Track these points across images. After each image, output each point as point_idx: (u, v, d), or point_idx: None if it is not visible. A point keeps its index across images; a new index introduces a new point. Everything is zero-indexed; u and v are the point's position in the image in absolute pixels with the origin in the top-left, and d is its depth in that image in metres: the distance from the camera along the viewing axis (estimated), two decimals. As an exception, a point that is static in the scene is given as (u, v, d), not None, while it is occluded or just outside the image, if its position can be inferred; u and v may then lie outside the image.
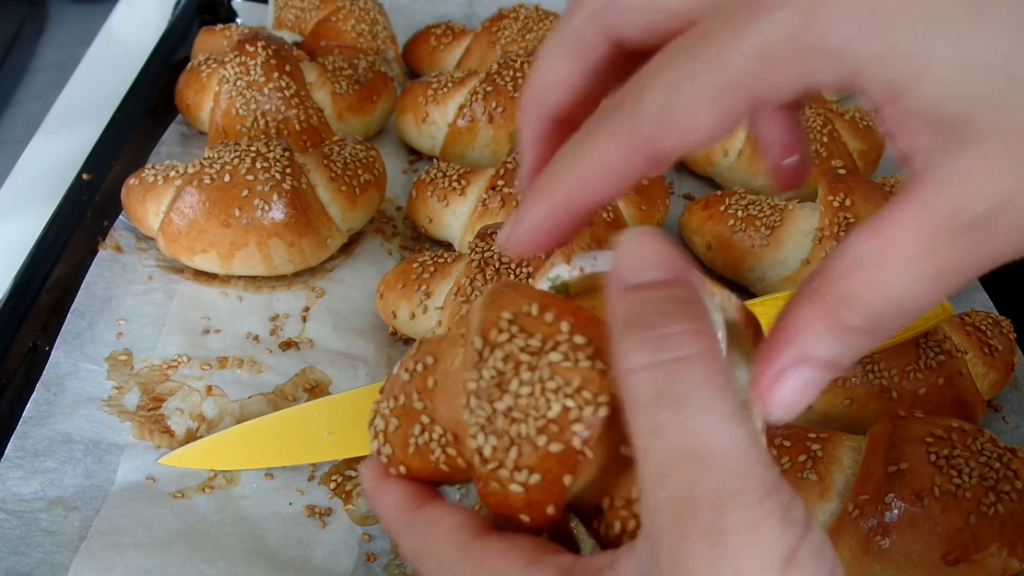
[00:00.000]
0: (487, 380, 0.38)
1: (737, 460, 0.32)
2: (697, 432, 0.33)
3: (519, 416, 0.37)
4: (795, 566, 0.32)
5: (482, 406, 0.38)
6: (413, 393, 0.43)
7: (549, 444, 0.37)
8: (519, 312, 0.39)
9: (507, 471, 0.38)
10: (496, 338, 0.39)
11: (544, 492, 0.38)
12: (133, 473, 0.70)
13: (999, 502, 0.63)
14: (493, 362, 0.38)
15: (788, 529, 0.32)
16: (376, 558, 0.67)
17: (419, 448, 0.43)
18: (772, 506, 0.32)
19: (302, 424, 0.74)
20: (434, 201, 0.90)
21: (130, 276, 0.85)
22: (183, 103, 1.01)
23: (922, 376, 0.74)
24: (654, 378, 0.34)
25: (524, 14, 1.10)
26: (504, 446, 0.38)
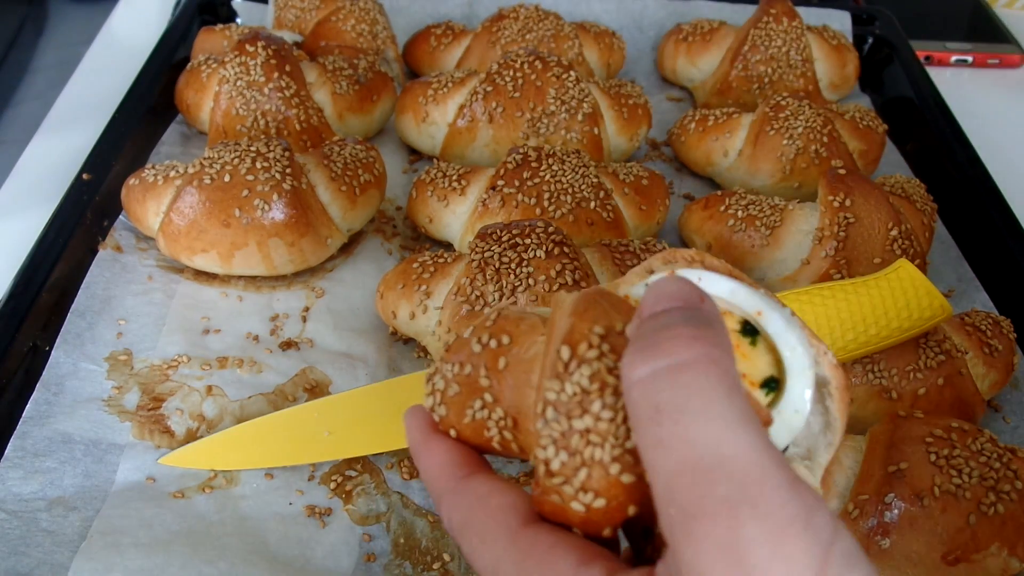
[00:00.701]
0: (568, 395, 0.37)
1: (748, 467, 0.31)
2: (700, 441, 0.32)
3: (596, 440, 0.36)
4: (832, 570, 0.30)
5: (559, 420, 0.37)
6: (481, 367, 0.42)
7: (622, 474, 0.36)
8: (611, 329, 0.38)
9: (572, 489, 0.37)
10: (584, 353, 0.37)
11: (605, 516, 0.37)
12: (133, 473, 0.70)
13: (999, 502, 0.63)
14: (578, 377, 0.37)
15: (815, 539, 0.30)
16: (376, 558, 0.67)
17: (475, 421, 0.42)
18: (793, 514, 0.30)
19: (302, 424, 0.74)
20: (434, 201, 0.90)
21: (130, 276, 0.85)
22: (183, 103, 1.01)
23: (922, 376, 0.74)
24: (652, 389, 0.33)
25: (524, 14, 1.10)
26: (575, 465, 0.37)
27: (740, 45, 1.09)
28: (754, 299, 0.40)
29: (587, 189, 0.86)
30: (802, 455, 0.41)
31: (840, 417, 0.40)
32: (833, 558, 0.30)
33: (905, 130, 1.11)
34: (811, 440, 0.40)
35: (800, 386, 0.39)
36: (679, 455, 0.32)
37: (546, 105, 0.97)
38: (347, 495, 0.71)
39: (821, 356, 0.40)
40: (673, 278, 0.37)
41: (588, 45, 1.13)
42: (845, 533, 0.31)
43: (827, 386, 0.40)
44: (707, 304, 0.36)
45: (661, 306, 0.35)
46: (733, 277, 0.41)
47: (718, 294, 0.41)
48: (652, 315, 0.35)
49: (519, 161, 0.87)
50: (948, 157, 1.04)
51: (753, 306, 0.40)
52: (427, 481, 0.43)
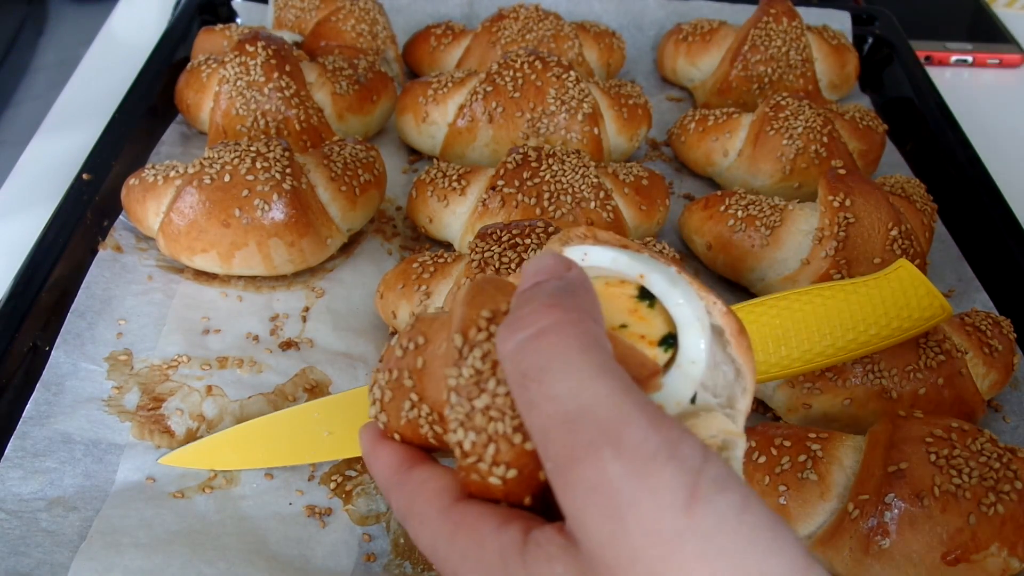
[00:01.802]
0: (466, 378, 0.39)
1: (608, 411, 0.32)
2: (562, 395, 0.33)
3: (496, 415, 0.39)
4: (700, 502, 0.31)
5: (461, 403, 0.40)
6: (404, 371, 0.44)
7: (525, 442, 0.38)
8: (497, 311, 0.40)
9: (486, 465, 0.39)
10: (475, 336, 0.40)
11: (521, 485, 0.39)
12: (133, 473, 0.70)
13: (999, 502, 0.63)
14: (472, 360, 0.39)
15: (681, 467, 0.31)
16: (376, 558, 0.67)
17: (409, 422, 0.44)
18: (656, 448, 0.32)
19: (302, 424, 0.74)
20: (434, 201, 0.90)
21: (130, 276, 0.85)
22: (183, 103, 1.01)
23: (922, 376, 0.74)
24: (518, 357, 0.35)
25: (524, 14, 1.10)
26: (483, 442, 0.39)
27: (740, 45, 1.09)
28: (636, 264, 0.42)
29: (587, 189, 0.86)
30: (723, 404, 0.43)
31: (744, 362, 0.42)
32: (703, 483, 0.31)
33: (905, 130, 1.11)
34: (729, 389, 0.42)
35: (692, 337, 0.41)
36: (546, 412, 0.34)
37: (546, 105, 0.97)
38: (347, 495, 0.71)
39: (711, 306, 0.42)
40: (543, 254, 0.39)
41: (588, 45, 1.13)
42: (716, 460, 0.32)
43: (723, 334, 0.43)
44: (573, 272, 0.38)
45: (530, 282, 0.38)
46: (621, 247, 0.43)
47: (601, 264, 0.43)
48: (521, 292, 0.38)
49: (519, 161, 0.87)
50: (948, 157, 1.04)
51: (635, 271, 0.42)
52: (378, 482, 0.45)
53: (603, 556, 0.32)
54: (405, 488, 0.43)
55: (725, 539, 0.31)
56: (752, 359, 0.43)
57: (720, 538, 0.31)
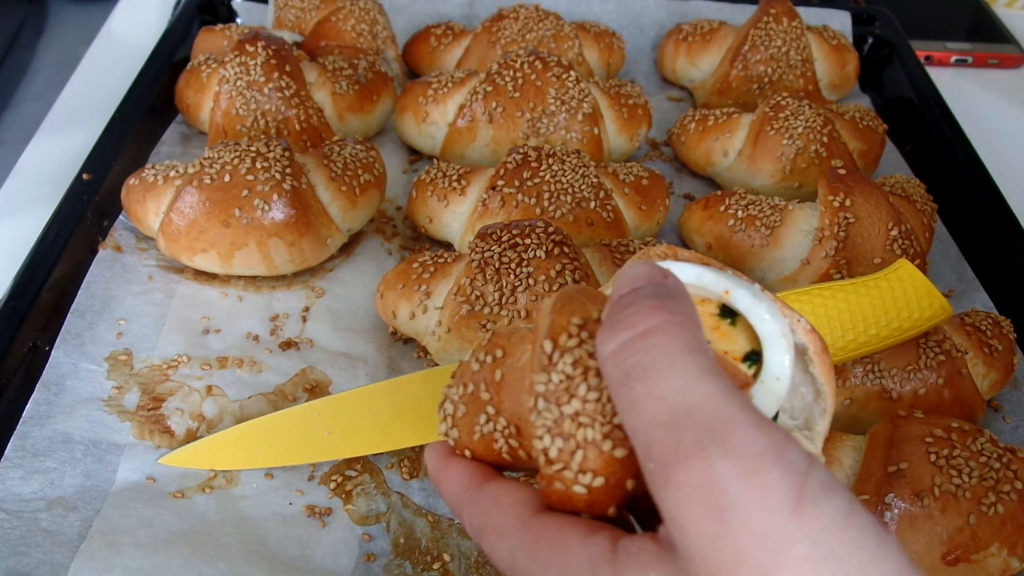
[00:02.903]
0: (555, 384, 0.39)
1: (715, 412, 0.32)
2: (667, 395, 0.33)
3: (586, 421, 0.38)
4: (807, 504, 0.31)
5: (550, 409, 0.39)
6: (481, 383, 0.44)
7: (614, 449, 0.38)
8: (588, 318, 0.40)
9: (572, 473, 0.39)
10: (565, 343, 0.39)
11: (607, 494, 0.39)
12: (133, 473, 0.70)
13: (999, 502, 0.63)
14: (562, 366, 0.39)
15: (788, 469, 0.31)
16: (376, 558, 0.67)
17: (483, 436, 0.44)
18: (764, 449, 0.31)
19: (302, 424, 0.74)
20: (434, 201, 0.90)
21: (130, 276, 0.85)
22: (183, 103, 1.01)
23: (922, 376, 0.74)
24: (621, 358, 0.35)
25: (524, 14, 1.10)
26: (570, 449, 0.39)
27: (740, 45, 1.09)
28: (721, 281, 0.42)
29: (587, 189, 0.86)
30: (800, 427, 0.42)
31: (826, 381, 0.42)
32: (809, 486, 0.31)
33: (905, 130, 1.11)
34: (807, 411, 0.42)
35: (778, 353, 0.41)
36: (650, 411, 0.33)
37: (546, 105, 0.97)
38: (347, 495, 0.71)
39: (795, 324, 0.42)
40: (638, 262, 0.39)
41: (588, 45, 1.13)
42: (820, 465, 0.32)
43: (807, 352, 0.42)
44: (671, 280, 0.38)
45: (627, 288, 0.38)
46: (703, 264, 0.43)
47: (685, 279, 0.42)
48: (619, 297, 0.38)
49: (519, 161, 0.87)
50: (948, 157, 1.04)
51: (721, 287, 0.42)
52: (448, 501, 0.45)
53: (705, 558, 0.31)
54: (479, 503, 0.42)
55: (833, 542, 0.30)
56: (834, 379, 0.43)
57: (828, 541, 0.30)
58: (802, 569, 0.30)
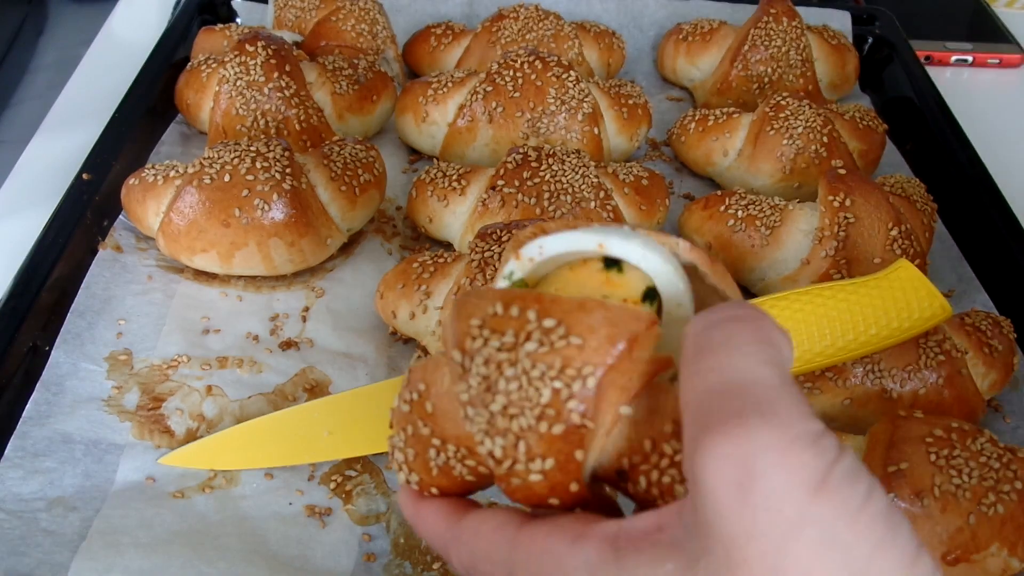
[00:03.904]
0: (475, 387, 0.39)
1: (767, 392, 0.33)
2: (731, 368, 0.34)
3: (515, 411, 0.38)
4: (827, 490, 0.31)
5: (479, 413, 0.39)
6: (417, 421, 0.44)
7: (552, 427, 0.38)
8: (486, 315, 0.40)
9: (522, 465, 0.39)
10: (471, 346, 0.40)
11: (562, 473, 0.39)
12: (133, 473, 0.70)
13: (999, 502, 0.63)
14: (476, 369, 0.39)
15: (819, 454, 0.32)
16: (376, 558, 0.67)
17: (441, 469, 0.44)
18: (802, 432, 0.32)
19: (302, 424, 0.74)
20: (434, 201, 0.90)
21: (130, 276, 0.85)
22: (183, 103, 1.01)
23: (922, 376, 0.74)
24: (700, 335, 0.36)
25: (524, 14, 1.10)
26: (511, 443, 0.39)
27: (740, 45, 1.09)
28: (590, 236, 0.42)
29: (587, 189, 0.86)
30: None
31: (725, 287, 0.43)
32: (834, 473, 0.32)
33: (905, 130, 1.11)
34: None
35: (669, 280, 0.42)
36: (711, 380, 0.34)
37: (546, 105, 0.97)
38: (347, 495, 0.71)
39: (675, 247, 0.43)
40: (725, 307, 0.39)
41: (588, 45, 1.13)
42: (850, 455, 0.33)
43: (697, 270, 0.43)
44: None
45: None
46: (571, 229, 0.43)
47: (558, 251, 0.43)
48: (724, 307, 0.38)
49: (519, 161, 0.87)
50: (948, 157, 1.04)
51: (593, 242, 0.42)
52: (432, 543, 0.45)
53: (720, 527, 0.32)
54: (461, 539, 0.42)
55: (842, 530, 0.31)
56: (733, 283, 0.43)
57: (837, 528, 0.31)
58: (809, 551, 0.31)
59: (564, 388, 0.38)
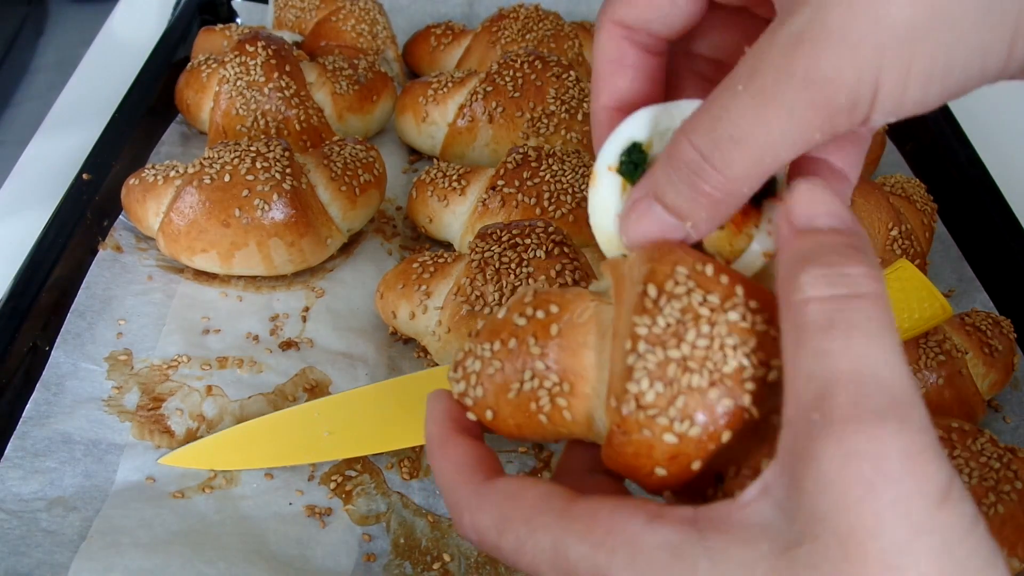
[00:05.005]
0: (661, 328, 0.38)
1: (903, 392, 0.33)
2: (866, 357, 0.33)
3: (694, 366, 0.38)
4: (952, 501, 0.32)
5: (654, 351, 0.38)
6: (529, 338, 0.42)
7: (721, 397, 0.37)
8: (694, 270, 0.39)
9: (667, 419, 0.38)
10: (673, 289, 0.39)
11: (698, 446, 0.38)
12: (133, 473, 0.70)
13: (999, 502, 0.63)
14: (670, 311, 0.38)
15: (943, 467, 0.32)
16: (376, 558, 0.67)
17: (521, 395, 0.42)
18: (931, 441, 0.32)
19: (302, 424, 0.74)
20: (434, 201, 0.90)
21: (130, 276, 0.85)
22: (183, 103, 1.01)
23: (922, 376, 0.74)
24: (829, 308, 0.35)
25: (524, 14, 1.10)
26: (671, 394, 0.38)
27: (740, 45, 1.09)
28: None
29: (588, 189, 0.86)
30: None
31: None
32: (955, 486, 0.32)
33: (905, 130, 1.11)
34: None
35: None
36: (842, 365, 0.33)
37: (546, 105, 0.97)
38: (347, 495, 0.71)
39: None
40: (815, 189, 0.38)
41: (588, 45, 1.13)
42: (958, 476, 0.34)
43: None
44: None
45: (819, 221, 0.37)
46: None
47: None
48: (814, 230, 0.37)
49: (519, 161, 0.87)
50: (948, 157, 1.04)
51: None
52: (442, 483, 0.42)
53: (838, 521, 0.32)
54: (490, 498, 0.40)
55: (957, 544, 0.32)
56: None
57: (956, 542, 0.32)
58: (928, 558, 0.31)
59: (750, 368, 0.37)
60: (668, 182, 0.39)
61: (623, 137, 0.43)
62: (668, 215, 0.40)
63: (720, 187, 0.38)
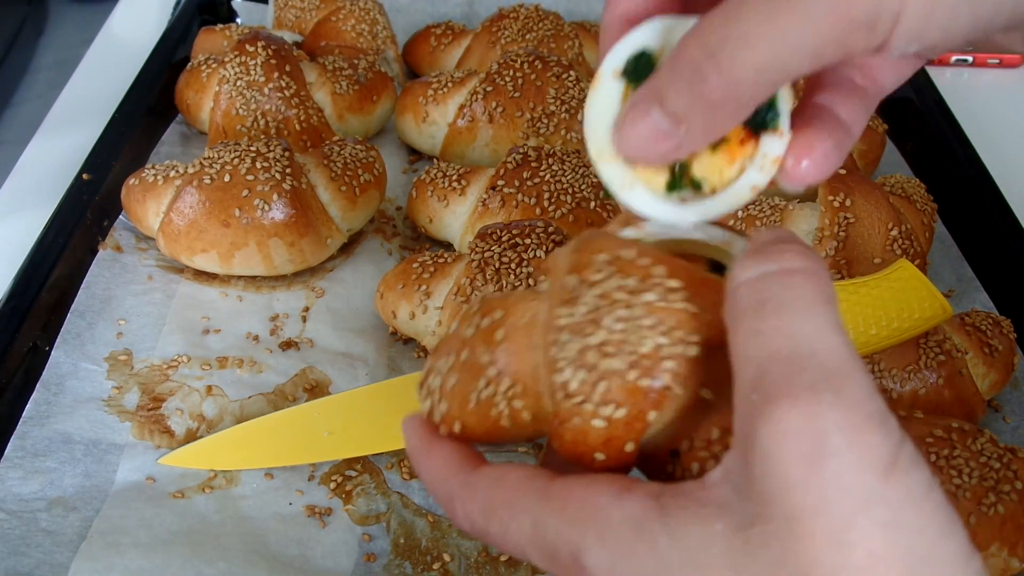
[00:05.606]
0: (580, 315, 0.39)
1: (838, 363, 0.32)
2: (798, 334, 0.33)
3: (611, 351, 0.38)
4: (898, 471, 0.31)
5: (573, 340, 0.38)
6: (479, 347, 0.42)
7: (640, 379, 0.37)
8: (615, 255, 0.39)
9: (592, 405, 0.38)
10: (592, 276, 0.39)
11: (626, 428, 0.38)
12: (133, 473, 0.70)
13: (999, 502, 0.62)
14: (588, 298, 0.39)
15: (888, 435, 0.32)
16: (376, 558, 0.67)
17: (481, 403, 0.42)
18: (873, 410, 0.32)
19: (302, 424, 0.74)
20: (434, 201, 0.90)
21: (130, 276, 0.85)
22: (183, 103, 1.01)
23: (922, 376, 0.74)
24: (760, 287, 0.34)
25: (524, 14, 1.10)
26: (592, 380, 0.38)
27: (740, 45, 1.09)
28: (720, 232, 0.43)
29: (587, 189, 0.86)
30: None
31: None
32: (903, 455, 0.32)
33: (905, 130, 1.11)
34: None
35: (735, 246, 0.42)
36: (776, 344, 0.33)
37: (546, 105, 0.97)
38: (347, 495, 0.71)
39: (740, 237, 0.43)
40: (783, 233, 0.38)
41: (588, 45, 1.13)
42: (910, 441, 0.33)
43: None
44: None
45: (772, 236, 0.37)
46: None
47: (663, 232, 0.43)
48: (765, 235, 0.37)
49: (519, 161, 0.87)
50: (948, 157, 1.04)
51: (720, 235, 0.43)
52: (432, 484, 0.43)
53: (785, 500, 0.31)
54: (476, 487, 0.40)
55: (910, 514, 0.31)
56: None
57: (906, 512, 0.31)
58: (877, 532, 0.31)
59: (667, 346, 0.37)
60: (669, 81, 0.37)
61: (633, 43, 0.41)
62: (664, 118, 0.38)
63: (721, 87, 0.36)
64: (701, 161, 0.41)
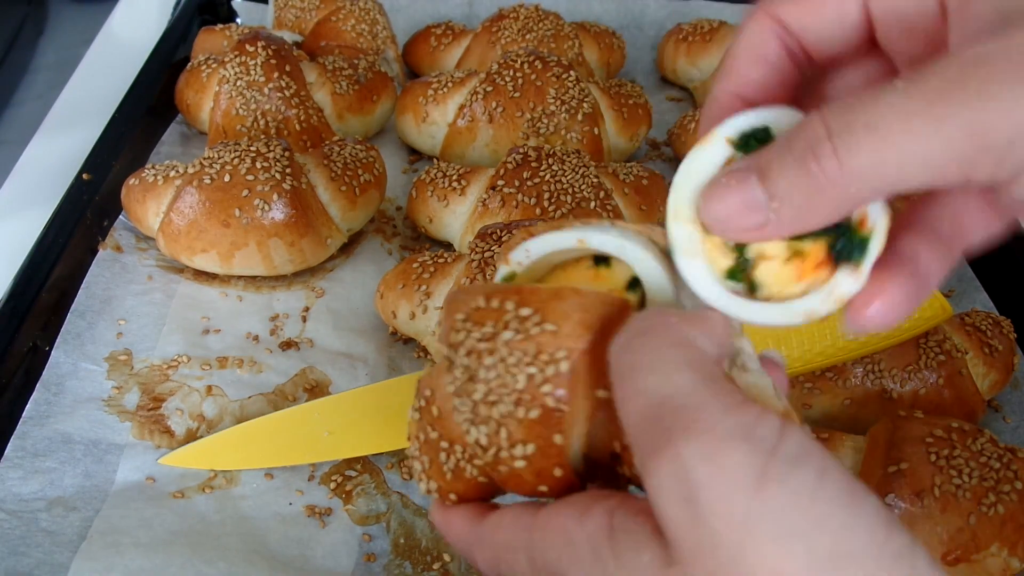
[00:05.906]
0: (460, 378, 0.40)
1: (686, 400, 0.33)
2: (648, 389, 0.34)
3: (495, 399, 0.39)
4: (770, 482, 0.31)
5: (464, 402, 0.40)
6: (427, 427, 0.44)
7: (528, 412, 0.39)
8: (469, 309, 0.41)
9: (506, 451, 0.40)
10: (455, 339, 0.41)
11: (544, 458, 0.40)
12: (133, 473, 0.70)
13: (999, 502, 0.63)
14: (460, 360, 0.40)
15: (754, 448, 0.31)
16: (376, 558, 0.67)
17: (454, 472, 0.44)
18: (730, 430, 0.32)
19: (302, 424, 0.74)
20: (434, 201, 0.90)
21: (130, 276, 0.85)
22: (183, 103, 1.01)
23: (922, 376, 0.74)
24: (618, 356, 0.36)
25: (524, 14, 1.10)
26: (494, 430, 0.40)
27: (740, 45, 1.09)
28: (570, 235, 0.43)
29: (587, 189, 0.86)
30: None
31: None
32: (775, 463, 0.31)
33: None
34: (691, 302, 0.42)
35: (648, 267, 0.42)
36: (636, 406, 0.34)
37: (546, 105, 0.97)
38: (347, 495, 0.71)
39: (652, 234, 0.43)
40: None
41: (588, 45, 1.13)
42: (794, 437, 0.32)
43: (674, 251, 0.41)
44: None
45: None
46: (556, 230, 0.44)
47: (544, 250, 0.44)
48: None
49: (519, 161, 0.87)
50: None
51: (572, 240, 0.43)
52: (457, 545, 0.45)
53: (684, 545, 0.32)
54: (484, 539, 0.42)
55: (797, 518, 0.30)
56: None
57: (791, 517, 0.30)
58: (770, 548, 0.30)
59: (538, 373, 0.38)
60: (778, 156, 0.36)
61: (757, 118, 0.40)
62: (761, 191, 0.36)
63: (830, 171, 0.34)
64: (770, 265, 0.39)
